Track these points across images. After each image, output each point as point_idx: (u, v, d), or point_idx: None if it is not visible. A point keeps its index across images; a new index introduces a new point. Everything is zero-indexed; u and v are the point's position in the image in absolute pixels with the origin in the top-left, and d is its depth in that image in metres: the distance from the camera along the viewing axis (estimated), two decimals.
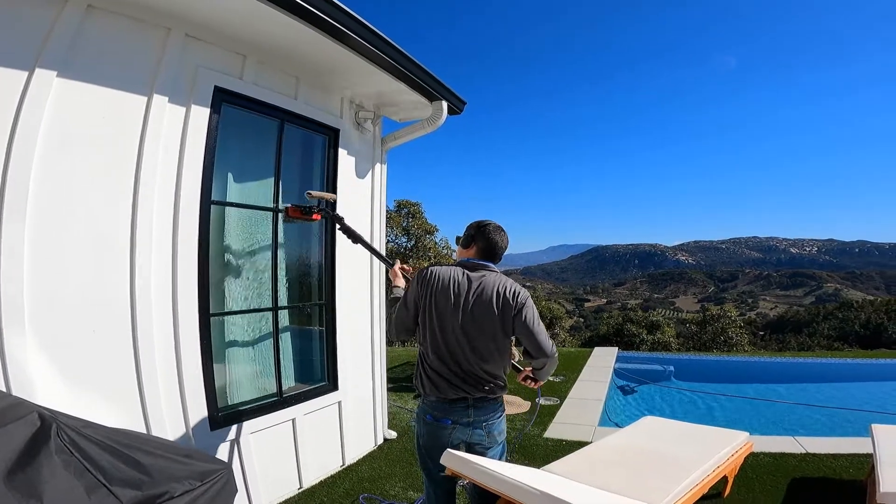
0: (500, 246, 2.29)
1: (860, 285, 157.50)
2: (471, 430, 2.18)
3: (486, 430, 2.20)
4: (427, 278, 2.19)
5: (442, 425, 2.17)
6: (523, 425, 4.96)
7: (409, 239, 14.41)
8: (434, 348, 2.16)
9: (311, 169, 3.83)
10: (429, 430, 2.21)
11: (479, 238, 2.28)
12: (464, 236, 2.36)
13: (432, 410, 2.19)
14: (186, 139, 2.79)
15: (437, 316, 2.14)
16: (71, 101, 2.33)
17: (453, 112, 4.30)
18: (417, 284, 2.21)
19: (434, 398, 2.18)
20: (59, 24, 2.27)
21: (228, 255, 3.25)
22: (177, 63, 2.75)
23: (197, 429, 2.80)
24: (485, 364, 2.15)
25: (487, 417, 2.19)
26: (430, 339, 2.16)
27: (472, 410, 2.16)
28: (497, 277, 2.21)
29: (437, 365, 2.16)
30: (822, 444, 4.16)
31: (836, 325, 46.56)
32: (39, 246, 2.21)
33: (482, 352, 2.14)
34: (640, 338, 16.33)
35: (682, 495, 2.45)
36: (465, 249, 2.33)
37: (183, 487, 1.59)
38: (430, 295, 2.16)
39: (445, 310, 2.13)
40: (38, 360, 2.17)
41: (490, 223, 2.31)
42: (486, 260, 2.27)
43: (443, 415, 2.16)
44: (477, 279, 2.18)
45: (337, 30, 2.96)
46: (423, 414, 2.24)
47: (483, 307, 2.13)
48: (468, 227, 2.35)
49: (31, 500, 1.24)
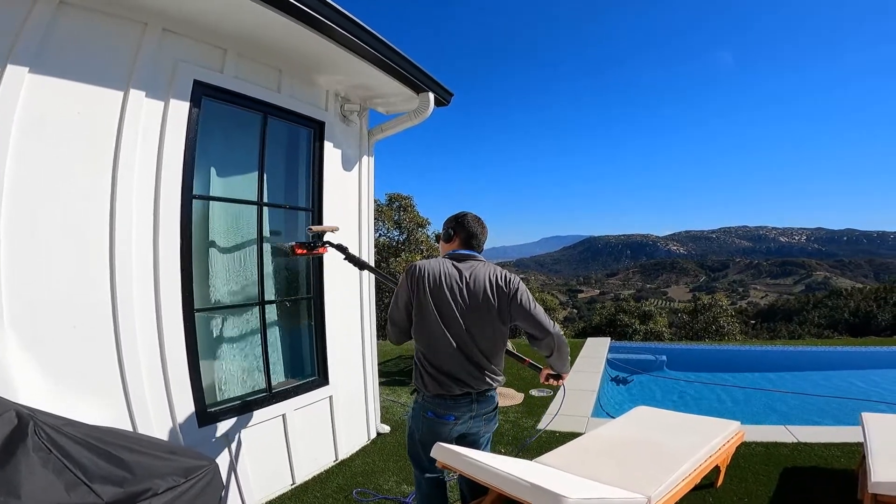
0: (481, 234, 2.34)
1: (849, 273, 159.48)
2: (471, 422, 2.20)
3: (486, 420, 2.25)
4: (416, 274, 2.17)
5: (444, 421, 2.16)
6: (517, 417, 4.96)
7: (402, 232, 14.37)
8: (434, 344, 2.13)
9: (296, 162, 3.78)
10: (429, 427, 2.19)
11: (459, 230, 2.32)
12: (443, 232, 2.39)
13: (434, 407, 2.16)
14: (165, 134, 2.74)
15: (434, 309, 2.12)
16: (44, 97, 2.28)
17: (440, 104, 4.27)
18: (407, 282, 2.18)
19: (436, 395, 2.15)
20: (31, 20, 2.22)
21: (213, 249, 3.21)
22: (154, 57, 2.70)
23: (185, 425, 2.77)
24: (487, 354, 2.16)
25: (487, 409, 2.23)
26: (429, 335, 2.14)
27: (475, 405, 2.17)
28: (486, 266, 2.22)
29: (440, 360, 2.13)
30: (813, 433, 4.19)
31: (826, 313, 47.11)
32: (15, 243, 2.17)
33: (483, 342, 2.15)
34: (632, 328, 16.45)
35: (675, 485, 2.46)
36: (448, 244, 2.36)
37: (166, 484, 1.59)
38: (422, 290, 2.14)
39: (442, 303, 2.11)
40: (18, 358, 2.14)
41: (468, 214, 2.35)
42: (470, 250, 2.30)
43: (446, 411, 2.15)
44: (467, 269, 2.19)
45: (318, 21, 2.92)
46: (422, 410, 2.21)
47: (478, 297, 2.13)
48: (446, 222, 2.39)
49: (9, 497, 1.24)
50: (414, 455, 2.32)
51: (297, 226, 3.79)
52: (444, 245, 2.39)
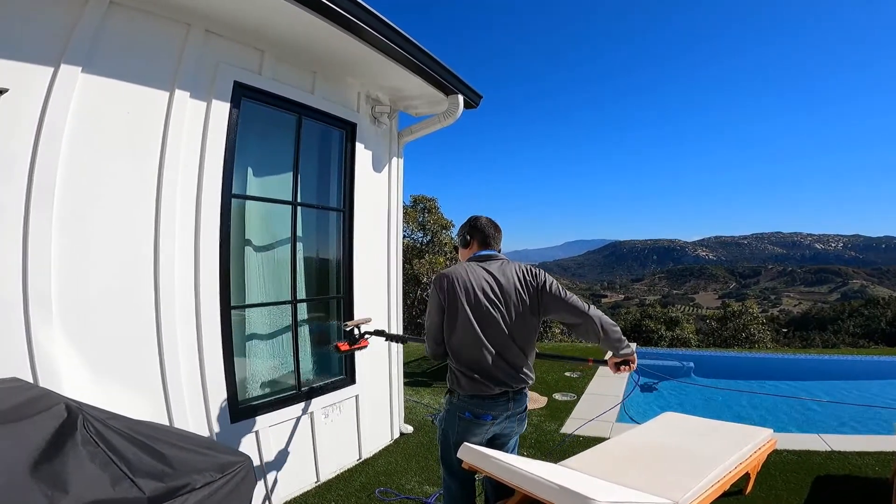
0: (496, 235, 2.36)
1: (887, 282, 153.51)
2: (506, 422, 2.22)
3: (518, 419, 2.27)
4: (446, 285, 2.16)
5: (482, 421, 2.16)
6: (540, 421, 4.94)
7: (426, 234, 14.41)
8: (470, 344, 2.12)
9: (328, 163, 3.84)
10: (465, 427, 2.17)
11: (475, 233, 2.35)
12: (460, 238, 2.43)
13: (472, 408, 2.16)
14: (207, 134, 2.82)
15: (469, 312, 2.11)
16: (96, 96, 2.37)
17: (469, 106, 4.27)
18: (439, 295, 2.17)
19: (472, 395, 2.14)
20: (83, 21, 2.30)
21: (248, 248, 3.29)
22: (197, 59, 2.78)
23: (218, 421, 2.84)
24: (525, 351, 2.19)
25: (520, 408, 2.25)
26: (464, 336, 2.12)
27: (511, 403, 2.19)
28: (509, 263, 2.26)
29: (476, 360, 2.12)
30: (848, 441, 4.09)
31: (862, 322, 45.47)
32: (66, 239, 2.25)
33: (520, 339, 2.18)
34: (658, 334, 16.16)
35: (703, 491, 2.41)
36: (467, 249, 2.38)
37: (204, 479, 1.59)
38: (454, 297, 2.13)
39: (476, 305, 2.12)
40: (65, 352, 2.22)
41: (480, 217, 2.39)
42: (490, 250, 2.32)
43: (484, 411, 2.15)
44: (495, 268, 2.21)
45: (353, 24, 2.96)
46: (457, 411, 2.19)
47: (510, 294, 2.16)
48: (460, 230, 2.44)
49: (56, 491, 1.25)
50: (446, 458, 2.28)
51: (328, 226, 3.85)
52: (463, 252, 2.41)
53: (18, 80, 2.11)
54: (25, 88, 2.14)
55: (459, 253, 2.46)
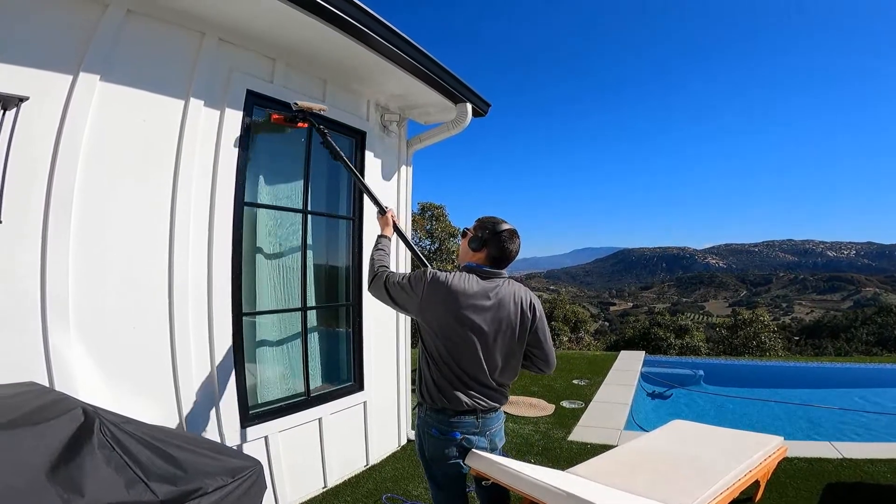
0: (513, 255, 2.15)
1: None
2: (476, 438, 2.08)
3: (489, 437, 2.13)
4: (438, 286, 2.03)
5: (450, 438, 2.05)
6: (548, 428, 4.92)
7: (433, 242, 14.45)
8: (449, 358, 2.03)
9: (338, 171, 3.88)
10: (434, 444, 2.08)
11: (492, 245, 2.10)
12: (474, 237, 2.15)
13: (438, 424, 2.06)
14: (221, 142, 2.86)
15: (456, 326, 2.00)
16: (113, 103, 2.41)
17: (478, 114, 4.31)
18: (425, 290, 2.04)
19: (440, 409, 2.05)
20: (101, 29, 2.35)
21: (259, 255, 3.32)
22: (211, 67, 2.83)
23: (228, 426, 2.86)
24: (504, 374, 2.11)
25: (492, 426, 2.13)
26: (446, 349, 2.03)
27: (480, 420, 2.08)
28: (511, 286, 2.12)
29: (453, 374, 2.04)
30: (859, 448, 4.07)
31: (875, 330, 44.84)
32: (83, 245, 2.29)
33: (501, 361, 2.08)
34: (667, 342, 16.05)
35: (712, 499, 2.40)
36: (475, 253, 2.15)
37: (215, 483, 1.60)
38: (442, 303, 2.02)
39: (463, 322, 2.00)
40: (81, 356, 2.25)
41: (505, 229, 2.11)
42: (496, 267, 2.14)
43: (451, 428, 2.05)
44: (493, 289, 2.06)
45: (362, 33, 3.00)
46: (426, 427, 2.10)
47: (501, 320, 2.05)
48: (481, 227, 2.15)
49: (72, 493, 1.27)
50: (427, 472, 2.21)
51: (338, 234, 3.88)
52: (468, 251, 2.19)
53: (39, 87, 2.15)
54: (45, 96, 2.18)
55: (462, 246, 2.26)
